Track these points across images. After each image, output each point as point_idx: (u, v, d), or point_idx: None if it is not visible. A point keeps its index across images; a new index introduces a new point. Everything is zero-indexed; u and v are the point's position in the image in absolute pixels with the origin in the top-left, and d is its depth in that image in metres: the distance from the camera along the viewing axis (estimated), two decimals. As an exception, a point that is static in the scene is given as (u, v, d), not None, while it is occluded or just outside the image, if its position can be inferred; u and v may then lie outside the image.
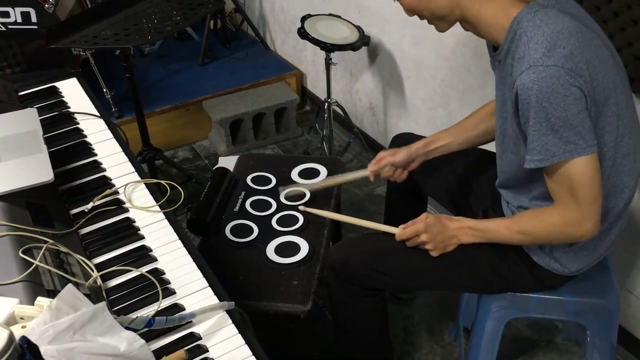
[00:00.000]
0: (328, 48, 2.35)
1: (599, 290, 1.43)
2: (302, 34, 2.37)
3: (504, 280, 1.40)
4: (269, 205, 1.72)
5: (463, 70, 2.09)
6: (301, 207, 1.64)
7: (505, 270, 1.38)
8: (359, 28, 2.44)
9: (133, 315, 0.93)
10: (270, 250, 1.57)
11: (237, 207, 1.71)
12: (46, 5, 2.50)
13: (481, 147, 1.67)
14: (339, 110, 2.69)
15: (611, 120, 1.17)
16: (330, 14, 2.52)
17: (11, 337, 0.67)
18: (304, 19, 2.44)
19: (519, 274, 1.38)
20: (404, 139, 1.75)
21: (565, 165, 1.13)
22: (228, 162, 1.95)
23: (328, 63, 2.46)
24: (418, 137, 1.74)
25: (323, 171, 1.84)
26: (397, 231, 1.40)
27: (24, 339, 0.68)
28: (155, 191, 1.33)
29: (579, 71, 1.08)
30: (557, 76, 1.07)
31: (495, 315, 1.48)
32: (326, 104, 2.57)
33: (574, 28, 1.11)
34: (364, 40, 2.40)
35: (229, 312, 1.04)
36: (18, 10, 2.51)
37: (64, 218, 1.21)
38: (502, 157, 1.35)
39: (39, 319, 0.81)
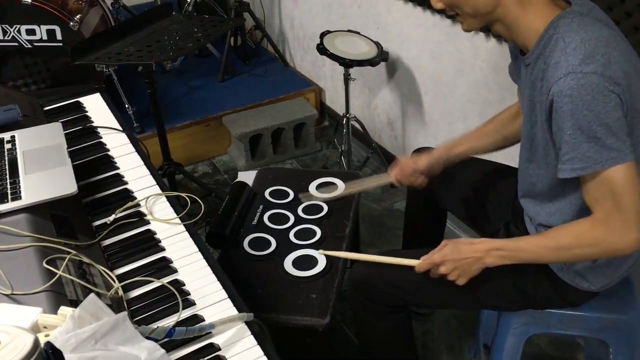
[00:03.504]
0: (347, 64, 2.37)
1: (622, 306, 1.41)
2: (321, 50, 2.39)
3: (528, 297, 1.38)
4: (287, 219, 1.73)
5: (482, 85, 2.09)
6: (320, 251, 1.58)
7: (530, 288, 1.36)
8: (377, 44, 2.46)
9: (154, 326, 0.94)
10: (288, 263, 1.57)
11: (255, 221, 1.72)
12: (71, 23, 2.57)
13: (500, 162, 1.66)
14: (357, 126, 2.70)
15: None
16: (349, 30, 2.55)
17: (36, 342, 0.68)
18: (322, 35, 2.46)
19: (543, 291, 1.36)
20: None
21: (607, 172, 1.10)
22: (247, 177, 1.96)
23: (347, 78, 2.48)
24: None
25: (341, 185, 1.84)
26: (417, 263, 1.36)
27: (49, 344, 0.69)
28: (176, 204, 1.34)
29: (617, 79, 1.07)
30: (597, 83, 1.05)
31: (516, 331, 1.47)
32: (345, 119, 2.59)
33: (611, 36, 1.11)
34: (382, 55, 2.42)
35: (247, 323, 1.04)
36: (44, 28, 2.58)
37: (86, 230, 1.23)
38: (530, 161, 1.31)
39: (62, 328, 0.82)
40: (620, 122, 1.08)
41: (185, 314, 1.06)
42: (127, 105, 2.79)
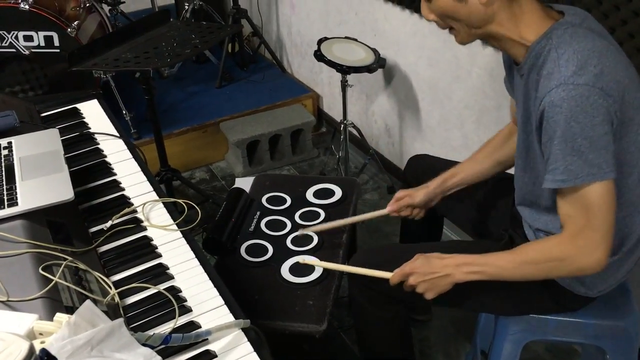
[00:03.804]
0: (344, 70, 2.37)
1: (619, 313, 1.41)
2: (319, 56, 2.40)
3: (525, 302, 1.39)
4: (284, 225, 1.73)
5: (478, 92, 2.10)
6: (300, 259, 1.59)
7: (525, 291, 1.36)
8: (374, 50, 2.47)
9: (150, 332, 0.94)
10: (284, 269, 1.57)
11: (252, 227, 1.72)
12: (69, 30, 2.57)
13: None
14: (354, 132, 2.71)
15: (635, 139, 1.16)
16: (346, 37, 2.56)
17: (31, 348, 0.68)
18: (320, 41, 2.47)
19: (540, 296, 1.36)
20: (420, 160, 1.76)
21: (585, 188, 1.11)
22: (245, 183, 1.96)
23: (344, 85, 2.48)
24: (434, 159, 1.74)
25: (338, 192, 1.84)
26: (390, 276, 1.37)
27: (44, 351, 0.69)
28: (173, 210, 1.34)
29: (609, 91, 1.07)
30: (587, 95, 1.06)
31: (513, 338, 1.46)
32: (342, 126, 2.59)
33: (604, 47, 1.11)
34: (379, 62, 2.43)
35: (244, 330, 1.04)
36: (41, 34, 2.58)
37: (83, 236, 1.23)
38: (525, 170, 1.31)
39: (57, 335, 0.82)
40: (606, 138, 1.09)
41: (181, 320, 1.06)
42: (124, 112, 2.79)
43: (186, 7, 3.29)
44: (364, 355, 1.62)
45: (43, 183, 1.25)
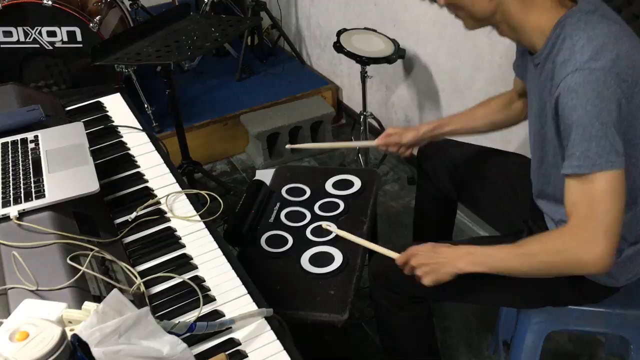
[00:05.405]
0: (364, 61, 2.37)
1: (643, 303, 1.40)
2: (338, 48, 2.39)
3: (547, 295, 1.38)
4: (304, 216, 1.74)
5: (499, 82, 2.08)
6: (324, 224, 1.62)
7: (549, 285, 1.35)
8: (394, 41, 2.46)
9: (175, 321, 0.96)
10: (304, 260, 1.58)
11: (272, 218, 1.73)
12: (91, 25, 2.60)
13: (518, 156, 1.66)
14: (374, 123, 2.71)
15: None
16: (365, 28, 2.55)
17: (64, 334, 0.70)
18: (339, 33, 2.47)
19: (563, 288, 1.35)
20: (431, 147, 1.76)
21: (594, 176, 1.09)
22: (265, 175, 1.97)
23: (364, 76, 2.48)
24: (446, 143, 1.74)
25: (357, 182, 1.85)
26: (397, 256, 1.39)
27: (75, 336, 0.71)
28: (195, 202, 1.36)
29: (624, 76, 1.06)
30: (604, 80, 1.05)
31: (535, 328, 1.46)
32: (362, 117, 2.59)
33: (619, 32, 1.11)
34: (399, 53, 2.42)
35: (267, 319, 1.06)
36: (64, 29, 2.62)
37: (109, 227, 1.25)
38: (542, 162, 1.31)
39: (86, 323, 0.83)
40: (620, 125, 1.08)
41: (206, 309, 1.07)
42: (146, 105, 2.82)
43: (205, 0, 3.31)
44: (388, 356, 1.62)
45: (69, 175, 1.28)
